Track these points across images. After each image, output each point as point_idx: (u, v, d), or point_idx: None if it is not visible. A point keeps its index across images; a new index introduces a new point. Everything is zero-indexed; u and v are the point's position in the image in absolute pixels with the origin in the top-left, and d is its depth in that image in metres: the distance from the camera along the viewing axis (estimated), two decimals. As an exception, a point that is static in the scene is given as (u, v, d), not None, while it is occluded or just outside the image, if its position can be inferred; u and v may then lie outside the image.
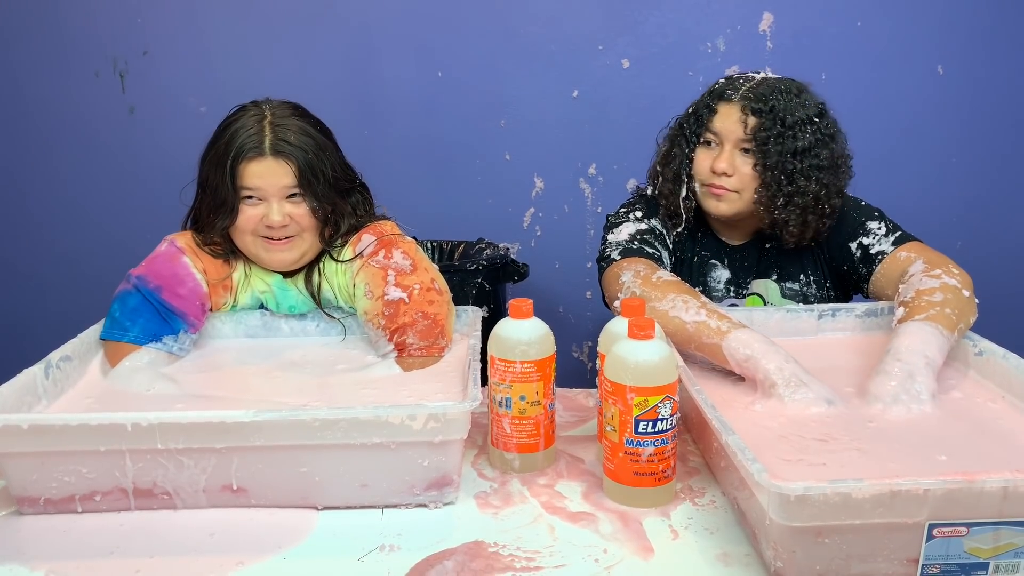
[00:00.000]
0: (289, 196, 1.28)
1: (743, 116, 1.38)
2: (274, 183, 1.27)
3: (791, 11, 2.32)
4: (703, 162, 1.42)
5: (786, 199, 1.38)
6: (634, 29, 2.35)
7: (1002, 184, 2.43)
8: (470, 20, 2.36)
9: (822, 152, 1.38)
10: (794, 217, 1.38)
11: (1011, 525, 0.80)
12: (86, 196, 2.48)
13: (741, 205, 1.42)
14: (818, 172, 1.38)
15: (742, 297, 1.50)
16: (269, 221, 1.27)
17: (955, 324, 1.15)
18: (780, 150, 1.36)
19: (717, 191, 1.41)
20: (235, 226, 1.30)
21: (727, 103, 1.40)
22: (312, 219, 1.30)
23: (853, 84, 2.34)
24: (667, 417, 0.96)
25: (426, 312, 1.27)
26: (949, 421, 1.03)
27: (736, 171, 1.39)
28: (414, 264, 1.31)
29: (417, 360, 1.26)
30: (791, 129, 1.36)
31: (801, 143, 1.36)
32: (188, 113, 2.40)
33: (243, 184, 1.27)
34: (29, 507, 0.98)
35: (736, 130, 1.38)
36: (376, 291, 1.29)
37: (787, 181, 1.37)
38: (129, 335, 1.24)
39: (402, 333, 1.26)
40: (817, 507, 0.78)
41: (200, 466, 0.96)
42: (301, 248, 1.32)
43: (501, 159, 2.44)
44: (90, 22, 2.36)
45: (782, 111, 1.36)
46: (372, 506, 1.00)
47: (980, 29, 2.34)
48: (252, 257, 1.35)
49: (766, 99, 1.37)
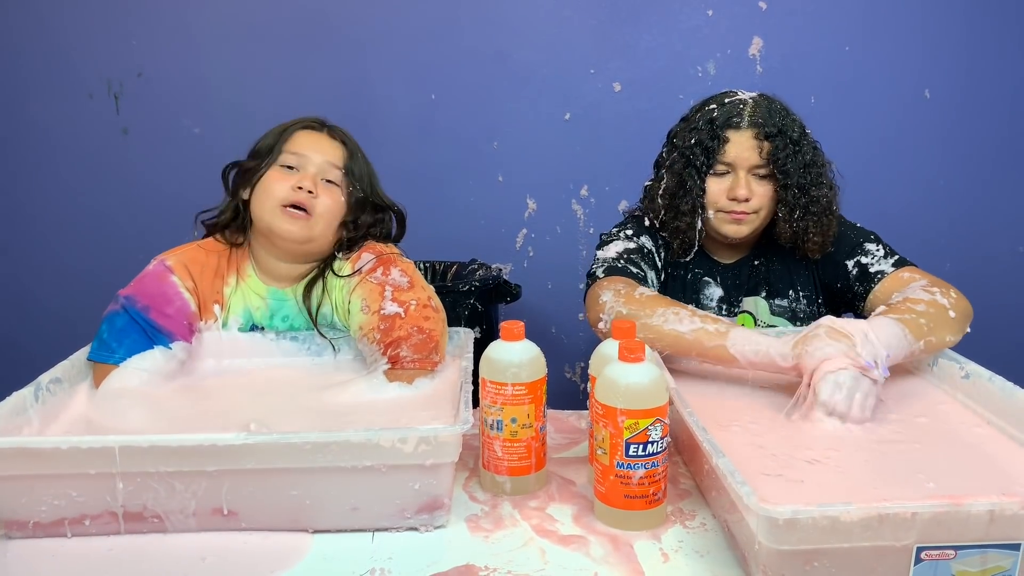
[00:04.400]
0: (326, 181, 1.33)
1: (758, 143, 1.40)
2: (320, 155, 1.34)
3: (780, 36, 2.36)
4: (717, 191, 1.44)
5: (803, 211, 1.42)
6: (625, 53, 2.38)
7: (989, 206, 2.46)
8: (463, 43, 2.38)
9: (819, 160, 1.45)
10: (813, 225, 1.43)
11: (998, 548, 0.80)
12: (80, 217, 2.48)
13: (759, 224, 1.46)
14: (823, 179, 1.44)
15: (733, 315, 1.52)
16: (300, 183, 1.30)
17: (924, 334, 1.18)
18: (795, 167, 1.41)
19: (738, 216, 1.43)
20: (260, 189, 1.33)
21: (736, 131, 1.41)
22: (338, 209, 1.34)
23: (841, 108, 2.37)
24: (657, 440, 0.96)
25: (421, 327, 1.27)
26: (935, 443, 1.03)
27: (753, 194, 1.42)
28: (411, 282, 1.32)
29: (407, 372, 1.25)
30: (798, 145, 1.41)
31: (807, 156, 1.42)
32: (182, 134, 2.41)
33: (289, 148, 1.34)
34: (18, 531, 0.98)
35: (751, 157, 1.41)
36: (373, 306, 1.29)
37: (802, 194, 1.42)
38: (116, 356, 1.23)
39: (396, 346, 1.26)
40: (806, 531, 0.78)
41: (191, 490, 0.96)
42: (312, 232, 1.32)
43: (494, 180, 2.46)
44: (84, 44, 2.38)
45: (787, 129, 1.41)
46: (363, 529, 0.99)
47: (966, 54, 2.37)
48: (264, 227, 1.33)
49: (771, 119, 1.41)
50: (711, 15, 2.36)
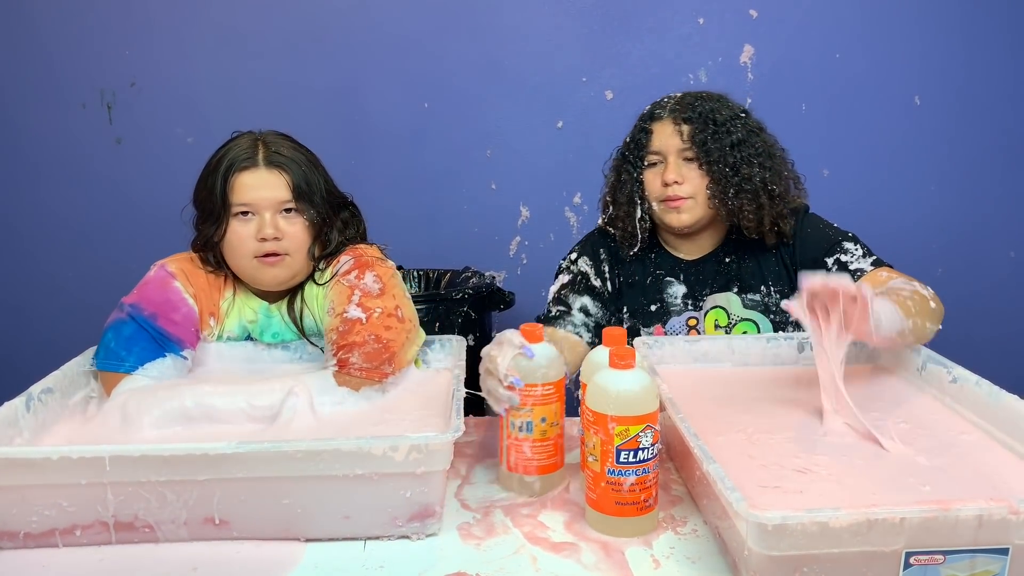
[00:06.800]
0: (283, 211, 1.29)
1: (677, 127, 1.47)
2: (268, 195, 1.27)
3: (771, 44, 2.37)
4: (653, 181, 1.50)
5: (736, 189, 1.45)
6: (617, 61, 2.39)
7: (980, 212, 2.47)
8: (456, 52, 2.39)
9: (756, 141, 1.48)
10: (748, 204, 1.45)
11: (987, 553, 0.81)
12: (72, 227, 2.48)
13: (699, 211, 1.48)
14: (758, 158, 1.47)
15: (700, 310, 1.53)
16: (263, 233, 1.27)
17: (912, 314, 1.19)
18: (719, 146, 1.45)
19: (674, 203, 1.47)
20: (228, 246, 1.30)
21: (659, 121, 1.50)
22: (305, 236, 1.31)
23: (832, 115, 2.39)
24: (648, 446, 0.97)
25: (379, 336, 1.25)
26: (924, 449, 1.04)
27: (685, 178, 1.47)
28: (383, 288, 1.30)
29: (353, 380, 1.23)
30: (723, 126, 1.46)
31: (735, 136, 1.46)
32: (175, 144, 2.41)
33: (236, 199, 1.27)
34: (8, 541, 0.97)
35: (674, 142, 1.47)
36: (338, 308, 1.28)
37: (732, 172, 1.45)
38: (126, 365, 1.23)
39: (348, 351, 1.24)
40: (795, 536, 0.78)
41: (182, 499, 0.95)
42: (293, 268, 1.32)
43: (487, 188, 2.47)
44: (77, 54, 2.38)
45: (710, 112, 1.47)
46: (355, 538, 0.99)
47: (956, 60, 2.39)
48: (246, 278, 1.34)
49: (693, 107, 1.48)
50: (702, 23, 2.37)
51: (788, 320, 1.50)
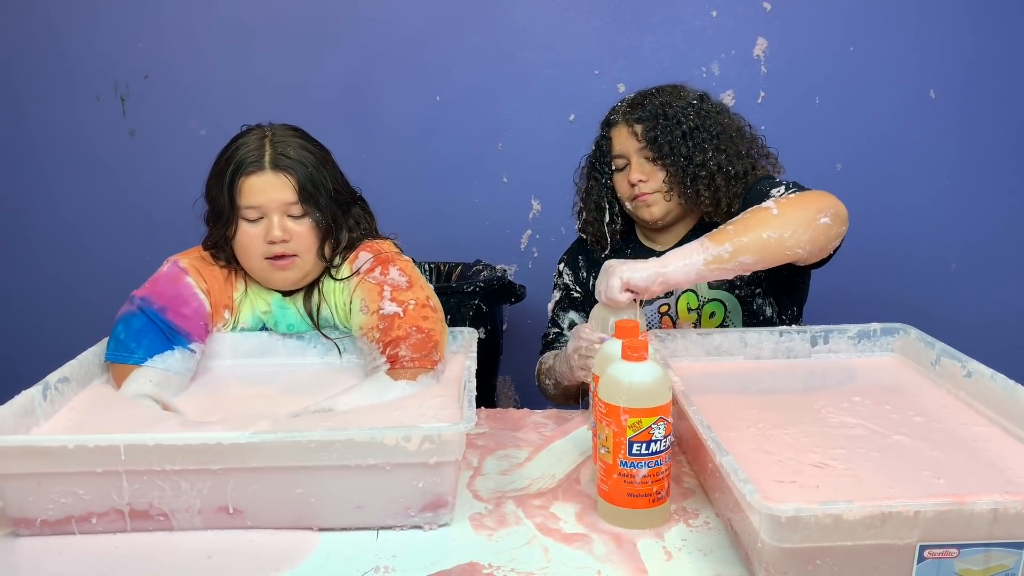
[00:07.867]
0: (290, 213, 1.29)
1: (631, 128, 1.52)
2: (274, 198, 1.28)
3: (785, 36, 2.35)
4: (621, 184, 1.55)
5: (692, 177, 1.48)
6: (630, 54, 2.38)
7: (994, 206, 2.45)
8: (467, 45, 2.39)
9: (710, 125, 1.50)
10: (704, 188, 1.48)
11: (1001, 546, 0.80)
12: (86, 219, 2.49)
13: (669, 204, 1.52)
14: (713, 141, 1.48)
15: (672, 296, 1.54)
16: (271, 236, 1.28)
17: (728, 238, 1.21)
18: (670, 139, 1.48)
19: (643, 199, 1.51)
20: (239, 246, 1.31)
21: (615, 127, 1.55)
22: (314, 237, 1.31)
23: (846, 108, 2.37)
24: (661, 438, 0.97)
25: (420, 327, 1.27)
26: (939, 442, 1.03)
27: (649, 175, 1.51)
28: (410, 281, 1.32)
29: (408, 371, 1.25)
30: (672, 119, 1.49)
31: (686, 125, 1.48)
32: (188, 136, 2.42)
33: (243, 202, 1.28)
34: (26, 528, 0.99)
35: (631, 143, 1.51)
36: (372, 306, 1.30)
37: (687, 162, 1.48)
38: (135, 356, 1.24)
39: (395, 346, 1.26)
40: (808, 529, 0.78)
41: (196, 488, 0.96)
42: (304, 268, 1.33)
43: (499, 182, 2.46)
44: (92, 46, 2.39)
45: (660, 107, 1.50)
46: (368, 527, 1.00)
47: (971, 54, 2.36)
48: (257, 278, 1.36)
49: (642, 106, 1.52)
50: (715, 16, 2.35)
51: (755, 293, 1.52)
